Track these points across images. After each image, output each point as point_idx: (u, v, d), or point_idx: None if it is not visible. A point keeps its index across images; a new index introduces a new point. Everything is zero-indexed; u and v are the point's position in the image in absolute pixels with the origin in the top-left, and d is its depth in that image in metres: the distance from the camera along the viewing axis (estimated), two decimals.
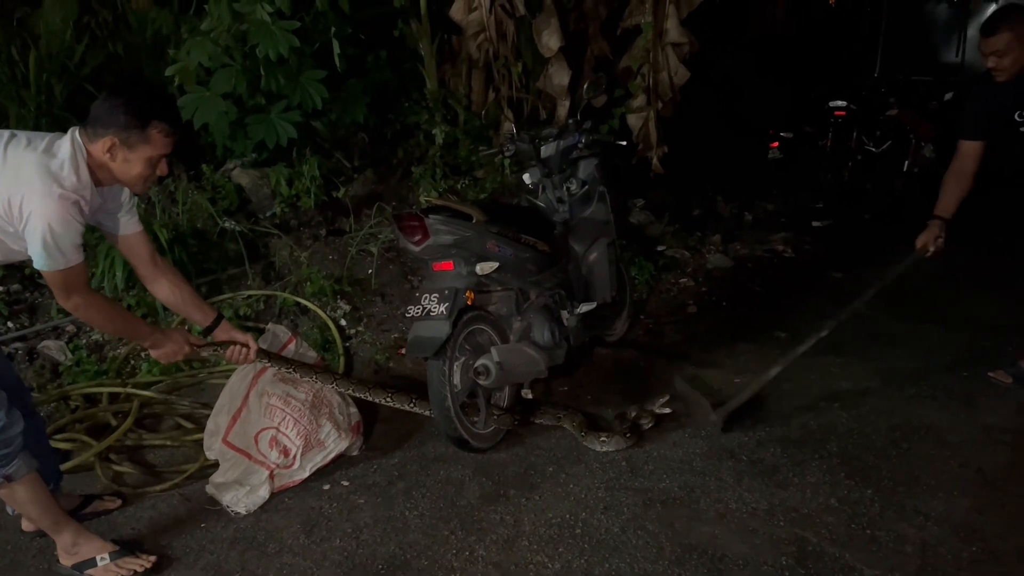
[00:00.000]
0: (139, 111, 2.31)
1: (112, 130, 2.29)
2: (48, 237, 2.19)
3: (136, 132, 2.31)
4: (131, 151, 2.33)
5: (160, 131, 2.34)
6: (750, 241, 6.50)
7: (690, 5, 5.75)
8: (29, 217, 2.18)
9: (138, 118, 2.31)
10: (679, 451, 3.24)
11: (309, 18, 4.89)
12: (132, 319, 2.77)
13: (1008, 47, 3.14)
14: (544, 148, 3.94)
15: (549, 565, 2.55)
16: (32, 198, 2.18)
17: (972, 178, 3.38)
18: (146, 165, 2.37)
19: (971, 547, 2.55)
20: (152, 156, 2.37)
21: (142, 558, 2.60)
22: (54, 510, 2.55)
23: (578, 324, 3.82)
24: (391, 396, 3.40)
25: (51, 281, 2.31)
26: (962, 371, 3.90)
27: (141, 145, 2.33)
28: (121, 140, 2.30)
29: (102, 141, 2.30)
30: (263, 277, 4.74)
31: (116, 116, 2.29)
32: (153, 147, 2.35)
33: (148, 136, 2.33)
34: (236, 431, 3.03)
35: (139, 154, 2.34)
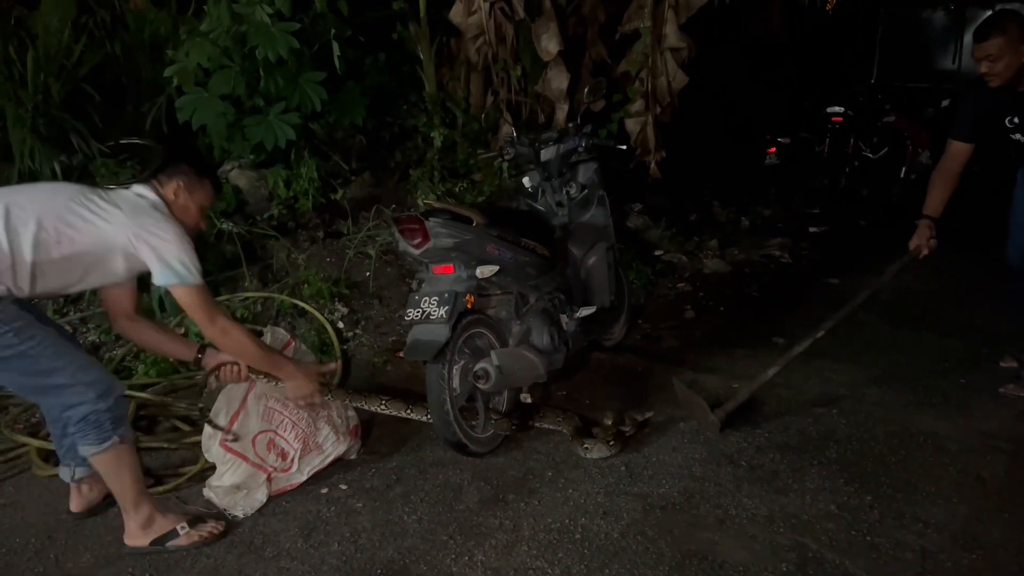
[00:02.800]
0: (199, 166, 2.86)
1: (178, 177, 2.75)
2: (182, 256, 2.58)
3: (196, 180, 2.79)
4: (191, 195, 2.77)
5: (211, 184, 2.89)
6: (747, 246, 6.51)
7: (688, 10, 5.75)
8: (161, 243, 2.56)
9: (199, 170, 2.83)
10: (678, 456, 3.23)
11: (308, 20, 4.88)
12: (272, 349, 3.04)
13: (1000, 52, 3.15)
14: (544, 152, 3.93)
15: (548, 570, 2.54)
16: (160, 228, 2.58)
17: (959, 178, 3.42)
18: (198, 211, 2.83)
19: (971, 554, 2.55)
20: (203, 204, 2.85)
21: (212, 524, 2.78)
22: (143, 482, 2.73)
23: (577, 328, 3.81)
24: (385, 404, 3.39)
25: (193, 300, 2.64)
26: (960, 378, 3.91)
27: (199, 192, 2.79)
28: (185, 184, 2.76)
29: (170, 185, 2.74)
30: (260, 279, 4.73)
31: (182, 166, 2.78)
32: (206, 196, 2.84)
33: (204, 184, 2.82)
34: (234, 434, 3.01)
35: (196, 199, 2.79)
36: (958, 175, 3.42)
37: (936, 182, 3.51)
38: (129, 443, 2.65)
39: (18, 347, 2.42)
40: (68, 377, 2.50)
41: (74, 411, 2.52)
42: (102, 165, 5.01)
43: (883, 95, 8.91)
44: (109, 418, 2.55)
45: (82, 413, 2.52)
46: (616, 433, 3.30)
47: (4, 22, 5.05)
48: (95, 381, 2.54)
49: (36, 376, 2.49)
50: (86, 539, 2.79)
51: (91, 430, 2.54)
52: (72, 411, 2.52)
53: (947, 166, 3.48)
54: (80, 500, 2.91)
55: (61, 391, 2.51)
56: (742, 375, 4.01)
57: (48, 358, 2.48)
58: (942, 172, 3.50)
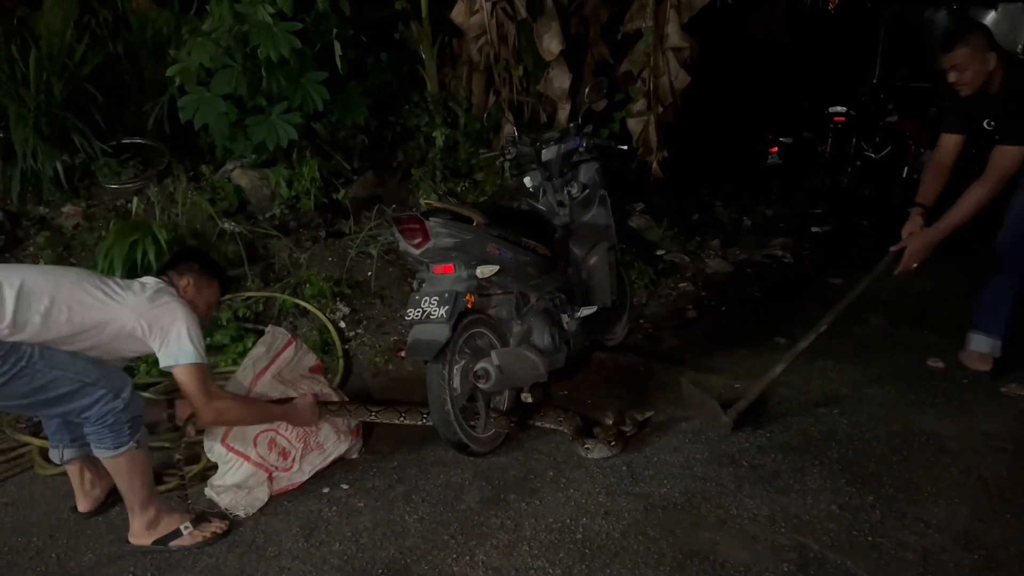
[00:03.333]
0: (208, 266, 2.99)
1: (188, 274, 2.87)
2: (191, 334, 2.63)
3: (205, 279, 2.91)
4: (199, 292, 2.88)
5: (219, 284, 3.01)
6: (749, 246, 6.51)
7: (690, 10, 5.75)
8: (171, 323, 2.62)
9: (207, 270, 2.96)
10: (680, 456, 3.23)
11: (310, 20, 4.87)
12: (263, 405, 3.05)
13: (966, 62, 3.26)
14: (545, 151, 3.93)
15: (550, 570, 2.54)
16: (168, 308, 2.66)
17: (951, 170, 3.51)
18: (206, 309, 2.94)
19: (972, 555, 2.54)
20: (211, 303, 2.96)
21: (215, 523, 2.79)
22: (153, 484, 2.76)
23: (578, 328, 3.81)
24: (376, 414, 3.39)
25: (193, 377, 2.64)
26: (962, 378, 3.90)
27: (207, 290, 2.92)
28: (194, 281, 2.87)
29: (180, 281, 2.85)
30: (262, 278, 4.73)
31: (192, 264, 2.91)
32: (213, 294, 2.97)
33: (211, 283, 2.95)
34: (235, 433, 3.01)
35: (204, 297, 2.90)
36: (950, 167, 3.52)
37: (929, 172, 3.64)
38: (144, 447, 2.65)
39: (11, 371, 2.39)
40: (70, 382, 2.49)
41: (89, 412, 2.52)
42: (104, 164, 5.02)
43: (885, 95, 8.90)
44: (127, 420, 2.55)
45: (99, 413, 2.52)
46: (617, 433, 3.30)
47: (7, 22, 5.06)
48: (100, 378, 2.53)
49: (40, 392, 2.47)
50: (88, 538, 2.80)
51: (108, 433, 2.54)
52: (88, 413, 2.52)
53: (939, 158, 3.60)
54: (85, 500, 2.91)
55: (70, 398, 2.50)
56: (744, 375, 4.01)
57: (43, 371, 2.45)
58: (935, 163, 3.62)
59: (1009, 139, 3.28)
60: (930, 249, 3.50)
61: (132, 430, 2.57)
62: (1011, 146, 3.28)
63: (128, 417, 2.56)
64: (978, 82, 3.29)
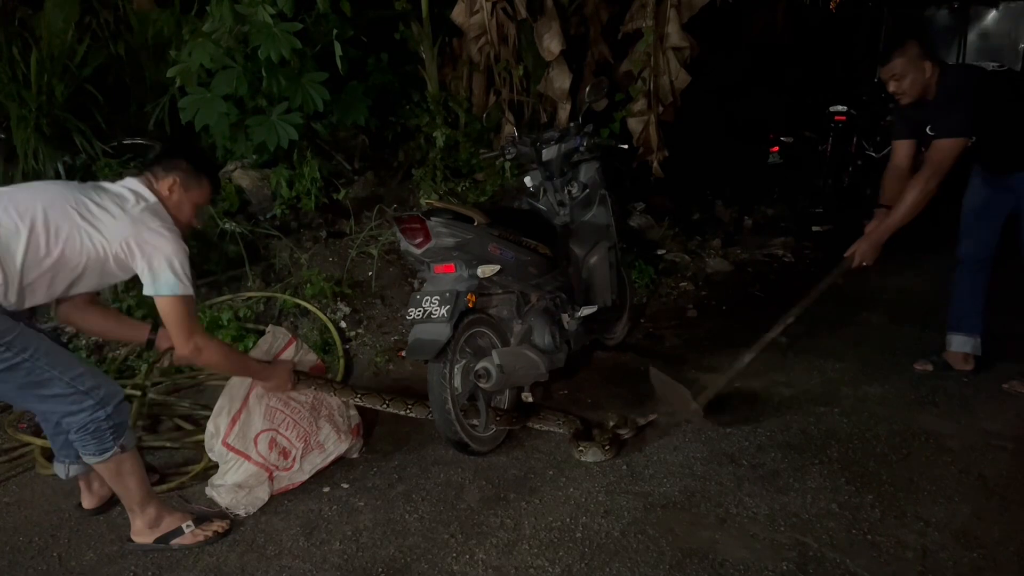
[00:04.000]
0: (198, 163, 2.78)
1: (174, 173, 2.69)
2: (176, 264, 2.52)
3: (194, 178, 2.72)
4: (186, 193, 2.71)
5: (210, 183, 2.82)
6: (750, 245, 6.52)
7: (691, 9, 5.76)
8: (155, 250, 2.51)
9: (196, 168, 2.75)
10: (679, 455, 3.23)
11: (311, 20, 4.88)
12: (245, 357, 3.03)
13: (904, 70, 3.38)
14: (545, 151, 3.94)
15: (549, 569, 2.54)
16: (155, 234, 2.53)
17: (908, 173, 3.58)
18: (193, 209, 2.77)
19: (972, 553, 2.54)
20: (199, 203, 2.78)
21: (217, 522, 2.78)
22: (148, 484, 2.73)
23: (579, 327, 3.82)
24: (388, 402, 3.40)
25: (175, 310, 2.56)
26: (962, 377, 3.90)
27: (195, 190, 2.73)
28: (181, 181, 2.69)
29: (165, 181, 2.68)
30: (263, 279, 4.74)
31: (179, 162, 2.72)
32: (202, 194, 2.78)
33: (201, 183, 2.76)
34: (236, 433, 3.01)
35: (191, 197, 2.73)
36: (907, 170, 3.61)
37: (886, 177, 3.73)
38: (131, 451, 2.62)
39: (12, 360, 2.37)
40: (64, 386, 2.45)
41: (73, 419, 2.48)
42: (105, 165, 5.03)
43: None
44: (109, 427, 2.51)
45: (81, 422, 2.48)
46: (612, 437, 3.29)
47: (8, 23, 5.07)
48: (92, 388, 2.48)
49: (32, 387, 2.44)
50: (89, 537, 2.81)
51: (91, 440, 2.51)
52: (71, 419, 2.49)
53: (895, 163, 3.73)
54: (91, 497, 2.91)
55: (59, 400, 2.47)
56: (744, 374, 4.00)
57: (42, 368, 2.42)
58: (892, 169, 3.74)
59: (942, 132, 3.38)
60: (878, 248, 3.59)
61: (115, 436, 2.53)
62: (944, 139, 3.37)
63: (110, 425, 2.51)
64: (916, 90, 3.41)
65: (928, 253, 3.98)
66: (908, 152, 3.66)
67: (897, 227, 3.51)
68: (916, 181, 3.43)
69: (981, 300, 3.86)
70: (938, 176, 3.38)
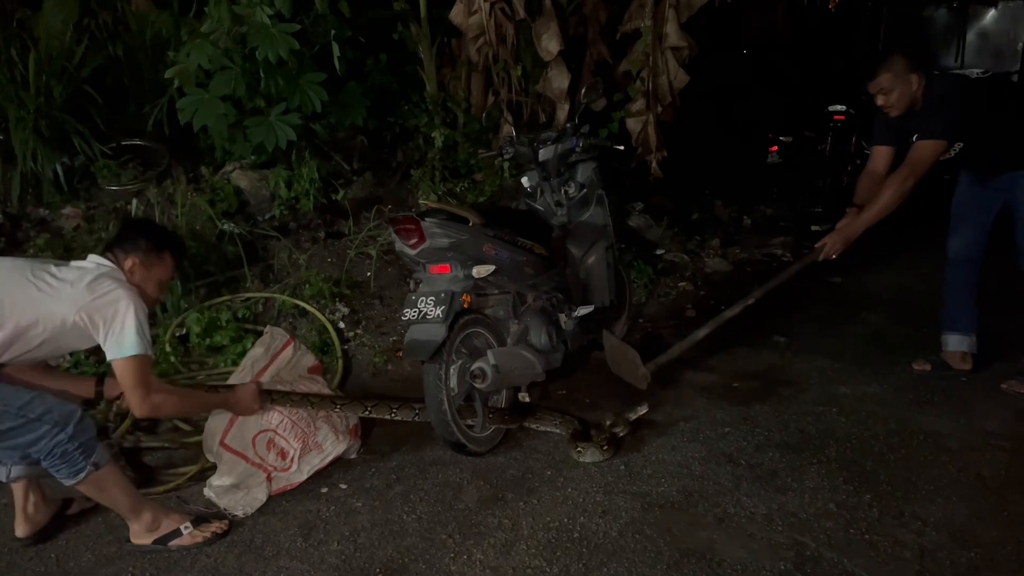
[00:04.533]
0: (158, 241, 2.78)
1: (134, 254, 2.70)
2: (137, 324, 2.53)
3: (155, 256, 2.74)
4: (148, 271, 2.73)
5: (172, 258, 2.82)
6: (749, 245, 6.51)
7: (690, 9, 5.75)
8: (118, 313, 2.51)
9: (157, 246, 2.76)
10: (677, 455, 3.23)
11: (309, 21, 4.88)
12: (202, 395, 3.08)
13: (890, 84, 3.44)
14: (542, 151, 3.94)
15: (547, 569, 2.54)
16: (116, 298, 2.53)
17: (883, 178, 3.62)
18: (157, 286, 2.79)
19: (969, 553, 2.54)
20: (163, 279, 2.80)
21: (215, 523, 2.78)
22: (135, 492, 2.73)
23: (576, 327, 3.81)
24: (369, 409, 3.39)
25: (135, 370, 2.55)
26: (960, 376, 3.90)
27: (157, 267, 2.76)
28: (141, 260, 2.71)
29: (126, 261, 2.69)
30: (262, 279, 4.74)
31: (139, 242, 2.72)
32: (164, 271, 2.79)
33: (163, 259, 2.78)
34: (234, 434, 3.02)
35: (154, 275, 2.75)
36: (883, 175, 3.64)
37: (864, 180, 3.76)
38: (108, 464, 2.58)
39: None
40: (13, 418, 2.41)
41: (36, 448, 2.45)
42: (104, 166, 5.03)
43: None
44: (76, 448, 2.47)
45: (46, 448, 2.45)
46: (609, 437, 3.29)
47: (6, 24, 5.07)
48: (44, 413, 2.44)
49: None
50: (87, 538, 2.81)
51: (61, 464, 2.47)
52: (34, 448, 2.45)
53: (872, 168, 3.75)
54: (27, 524, 2.77)
55: (14, 434, 2.43)
56: (743, 373, 4.02)
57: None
58: (868, 173, 3.76)
59: (924, 134, 3.43)
60: (848, 243, 3.63)
61: (85, 455, 2.49)
62: (926, 140, 3.42)
63: (76, 446, 2.47)
64: (904, 103, 3.47)
65: (925, 253, 3.98)
66: (886, 158, 3.69)
67: (869, 224, 3.57)
68: (893, 180, 3.49)
69: (974, 298, 3.88)
70: (915, 176, 3.43)
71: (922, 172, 3.43)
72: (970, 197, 3.77)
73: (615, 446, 3.27)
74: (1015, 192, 3.55)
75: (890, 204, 3.48)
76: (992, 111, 3.50)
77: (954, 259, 3.87)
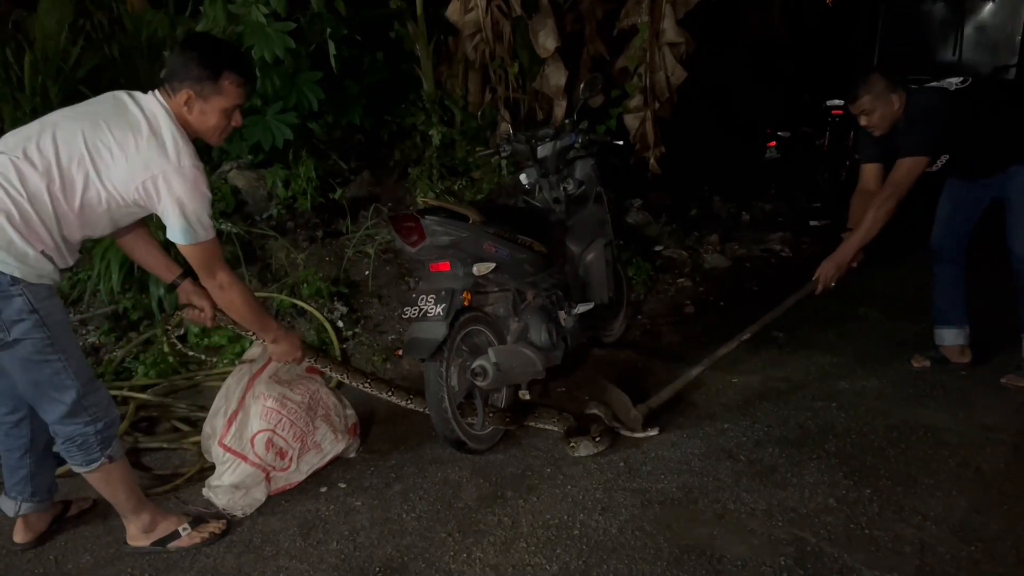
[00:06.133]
0: (211, 62, 2.41)
1: (187, 83, 2.39)
2: (187, 212, 2.35)
3: (209, 83, 2.41)
4: (206, 103, 2.42)
5: (232, 81, 2.44)
6: (748, 241, 6.51)
7: (687, 5, 5.75)
8: (167, 197, 2.33)
9: (210, 69, 2.40)
10: (677, 452, 3.23)
11: (305, 20, 4.88)
12: (264, 310, 2.90)
13: (872, 106, 3.46)
14: (540, 148, 3.93)
15: (547, 567, 2.54)
16: (168, 179, 2.32)
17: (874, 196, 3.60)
18: (221, 116, 2.47)
19: (970, 547, 2.54)
20: (226, 107, 2.46)
21: (213, 524, 2.76)
22: (139, 492, 2.69)
23: (575, 325, 3.81)
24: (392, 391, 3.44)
25: (195, 256, 2.47)
26: (960, 370, 3.90)
27: (215, 96, 2.43)
28: (196, 92, 2.40)
29: (179, 95, 2.40)
30: (260, 279, 4.73)
31: (189, 69, 2.39)
32: (226, 97, 2.45)
33: (220, 87, 2.43)
34: (232, 433, 3.01)
35: (213, 105, 2.44)
36: (873, 194, 3.62)
37: (856, 200, 3.73)
38: (119, 460, 2.58)
39: (49, 356, 2.34)
40: (74, 398, 2.41)
41: (63, 428, 2.45)
42: None
43: None
44: (97, 440, 2.48)
45: (69, 433, 2.45)
46: (604, 430, 3.29)
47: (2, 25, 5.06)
48: (93, 405, 2.46)
49: (49, 388, 2.39)
50: (86, 540, 2.80)
51: (77, 451, 2.47)
52: (61, 427, 2.45)
53: (863, 187, 3.74)
54: (26, 530, 2.75)
55: (62, 406, 2.42)
56: (742, 370, 4.01)
57: (68, 375, 2.38)
58: (860, 192, 3.73)
59: (904, 151, 3.45)
60: (842, 269, 3.62)
61: (103, 447, 2.49)
62: (906, 157, 3.43)
63: (99, 439, 2.48)
64: (886, 124, 3.49)
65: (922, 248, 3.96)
66: (876, 176, 3.68)
67: (858, 247, 3.58)
68: (876, 201, 3.49)
69: (963, 291, 3.89)
70: (897, 196, 3.44)
71: (904, 190, 3.44)
72: (957, 192, 3.77)
73: (610, 439, 3.26)
74: (1007, 190, 3.55)
75: (875, 225, 3.49)
76: (976, 119, 3.49)
77: (940, 254, 3.87)
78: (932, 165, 3.52)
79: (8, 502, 2.70)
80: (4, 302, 2.26)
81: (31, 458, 2.66)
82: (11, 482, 2.69)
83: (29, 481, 2.67)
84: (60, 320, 2.40)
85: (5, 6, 5.31)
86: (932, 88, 3.62)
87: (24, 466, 2.65)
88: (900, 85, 3.48)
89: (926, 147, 3.42)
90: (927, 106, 3.47)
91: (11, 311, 2.27)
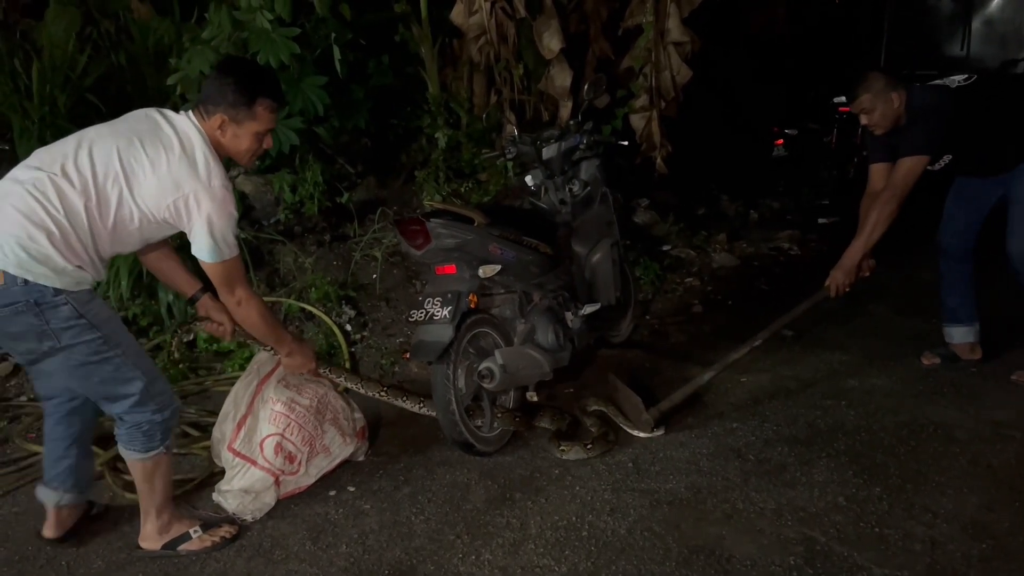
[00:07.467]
0: (246, 89, 2.49)
1: (222, 108, 2.47)
2: (215, 231, 2.43)
3: (244, 109, 2.48)
4: (239, 127, 2.51)
5: (265, 107, 2.52)
6: (756, 239, 6.49)
7: (691, 4, 5.74)
8: (196, 216, 2.41)
9: (245, 95, 2.48)
10: (685, 451, 3.22)
11: (310, 24, 4.89)
12: (280, 325, 2.98)
13: (871, 104, 3.43)
14: (545, 150, 3.93)
15: (555, 568, 2.54)
16: (198, 198, 2.40)
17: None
18: (253, 139, 2.56)
19: (981, 544, 2.53)
20: (259, 131, 2.55)
21: (224, 528, 2.78)
22: (171, 488, 2.74)
23: (582, 326, 3.81)
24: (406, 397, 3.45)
25: (217, 274, 2.54)
26: (970, 367, 3.88)
27: (248, 121, 2.51)
28: (230, 117, 2.48)
29: (213, 119, 2.48)
30: (268, 284, 4.75)
31: (225, 94, 2.47)
32: (259, 122, 2.53)
33: (254, 112, 2.51)
34: (242, 438, 3.02)
35: (247, 129, 2.52)
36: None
37: (866, 202, 3.69)
38: (170, 452, 2.66)
39: (106, 354, 2.40)
40: (141, 387, 2.48)
41: (130, 416, 2.51)
42: None
43: None
44: (160, 428, 2.55)
45: (136, 420, 2.52)
46: (598, 436, 3.28)
47: (10, 35, 5.10)
48: (159, 394, 2.54)
49: (113, 384, 2.46)
50: (97, 545, 2.81)
51: (141, 438, 2.54)
52: (129, 415, 2.51)
53: (872, 188, 3.70)
54: (58, 526, 2.77)
55: (131, 397, 2.48)
56: (750, 369, 4.00)
57: (129, 367, 2.45)
58: (869, 194, 3.69)
59: (905, 150, 3.43)
60: (851, 274, 3.61)
61: (164, 436, 2.58)
62: (908, 156, 3.41)
63: (163, 427, 2.56)
64: (888, 122, 3.46)
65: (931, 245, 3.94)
66: (884, 176, 3.64)
67: (863, 251, 3.57)
68: (879, 202, 3.48)
69: (973, 288, 3.85)
70: (899, 196, 3.43)
71: (906, 190, 3.43)
72: (964, 190, 3.75)
73: (602, 446, 3.25)
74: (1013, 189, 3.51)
75: (878, 228, 3.49)
76: (981, 116, 3.46)
77: (947, 251, 3.84)
78: (934, 164, 3.49)
79: (49, 492, 2.73)
80: (51, 312, 2.32)
81: (77, 448, 2.72)
82: (53, 472, 2.73)
83: (72, 472, 2.71)
84: (108, 317, 2.46)
85: (12, 16, 5.35)
86: (933, 86, 3.59)
87: (70, 456, 2.69)
88: (900, 83, 3.46)
89: (926, 146, 3.40)
90: (928, 104, 3.44)
91: (59, 319, 2.33)
